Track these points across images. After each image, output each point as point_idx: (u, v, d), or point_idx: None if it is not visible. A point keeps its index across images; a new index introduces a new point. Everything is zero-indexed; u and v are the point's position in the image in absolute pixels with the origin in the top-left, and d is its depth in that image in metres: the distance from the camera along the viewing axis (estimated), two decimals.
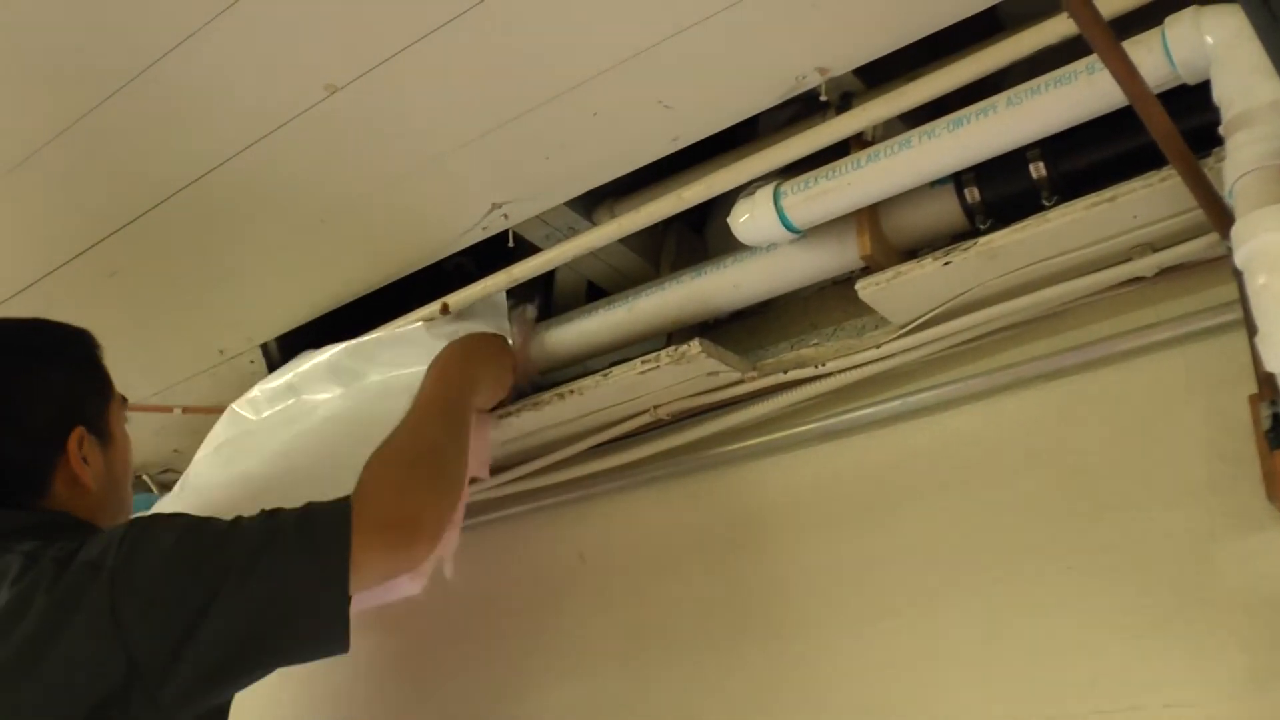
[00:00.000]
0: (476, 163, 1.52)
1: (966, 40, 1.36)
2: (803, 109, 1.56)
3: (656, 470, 1.78)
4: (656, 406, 1.69)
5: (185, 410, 2.03)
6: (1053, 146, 1.35)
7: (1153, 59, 1.16)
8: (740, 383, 1.64)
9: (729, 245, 1.59)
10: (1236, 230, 0.97)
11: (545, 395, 1.68)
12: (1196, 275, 1.36)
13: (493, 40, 1.33)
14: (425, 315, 1.70)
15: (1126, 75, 0.96)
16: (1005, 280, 1.40)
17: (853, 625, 1.53)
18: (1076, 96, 1.23)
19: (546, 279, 1.82)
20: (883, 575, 1.52)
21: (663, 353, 1.56)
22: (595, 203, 1.70)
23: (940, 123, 1.32)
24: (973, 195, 1.41)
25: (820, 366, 1.59)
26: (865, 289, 1.44)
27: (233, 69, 1.41)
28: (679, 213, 1.52)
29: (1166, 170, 1.21)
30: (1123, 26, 1.08)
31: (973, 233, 1.41)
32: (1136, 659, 1.30)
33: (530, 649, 1.84)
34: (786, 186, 1.43)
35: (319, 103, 1.43)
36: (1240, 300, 1.14)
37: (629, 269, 1.80)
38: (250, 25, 1.34)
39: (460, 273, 1.82)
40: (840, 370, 1.57)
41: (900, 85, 1.35)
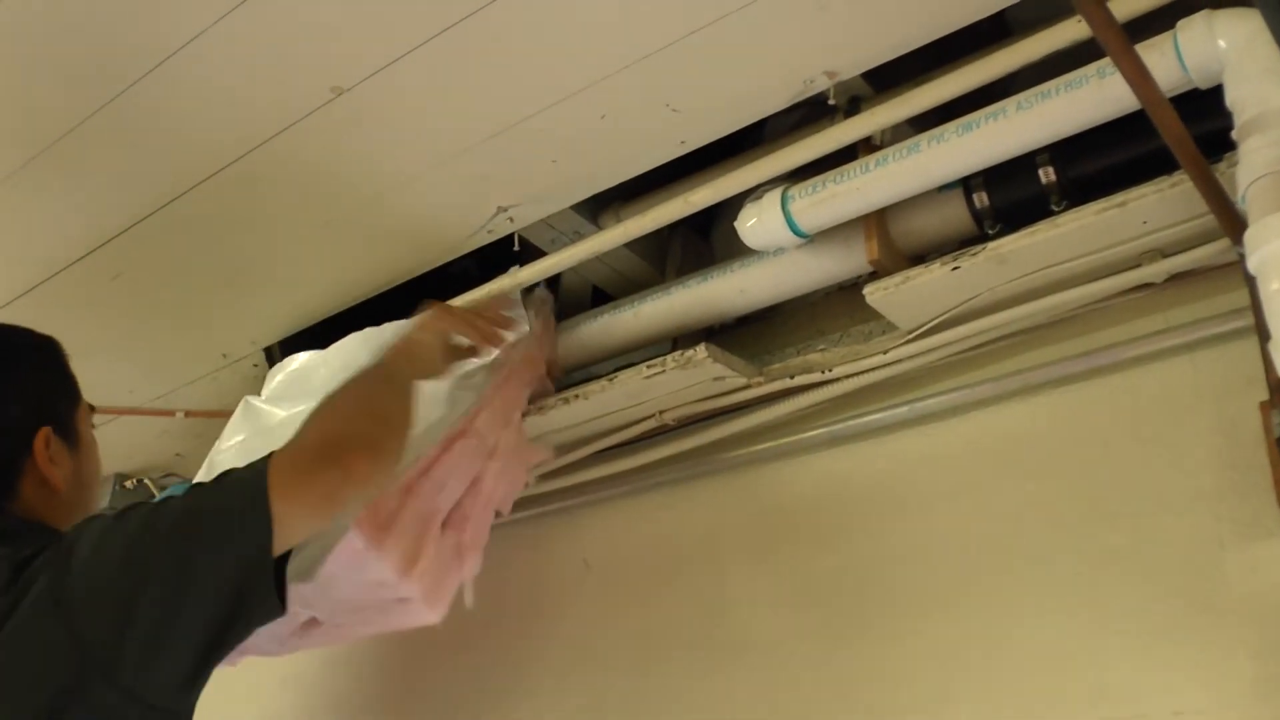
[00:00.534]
0: (482, 166, 1.51)
1: (975, 45, 1.36)
2: (810, 113, 1.55)
3: (662, 475, 1.77)
4: (662, 411, 1.69)
5: (188, 414, 2.03)
6: (1062, 151, 1.34)
7: (1165, 63, 1.15)
8: (747, 388, 1.63)
9: (735, 250, 1.59)
10: (1250, 235, 0.96)
11: (550, 400, 1.68)
12: (1207, 281, 1.35)
13: (499, 43, 1.33)
14: None
15: (1139, 79, 0.95)
16: (1014, 286, 1.40)
17: (859, 632, 1.52)
18: (1087, 100, 1.22)
19: (552, 283, 1.81)
20: (889, 582, 1.52)
21: (669, 357, 1.56)
22: (601, 207, 1.69)
23: (949, 127, 1.32)
24: (981, 200, 1.40)
25: (827, 372, 1.58)
26: (873, 294, 1.43)
27: (237, 71, 1.40)
28: (685, 217, 1.51)
29: (1178, 175, 1.21)
30: (1134, 30, 1.08)
31: (981, 238, 1.40)
32: (1145, 666, 1.30)
33: (535, 654, 1.84)
34: (794, 191, 1.43)
35: (324, 105, 1.43)
36: (1252, 306, 1.14)
37: (635, 273, 1.80)
38: (255, 27, 1.33)
39: (465, 277, 1.82)
40: (847, 375, 1.57)
41: (909, 89, 1.35)
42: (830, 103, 1.39)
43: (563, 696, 1.78)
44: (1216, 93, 1.14)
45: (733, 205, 1.50)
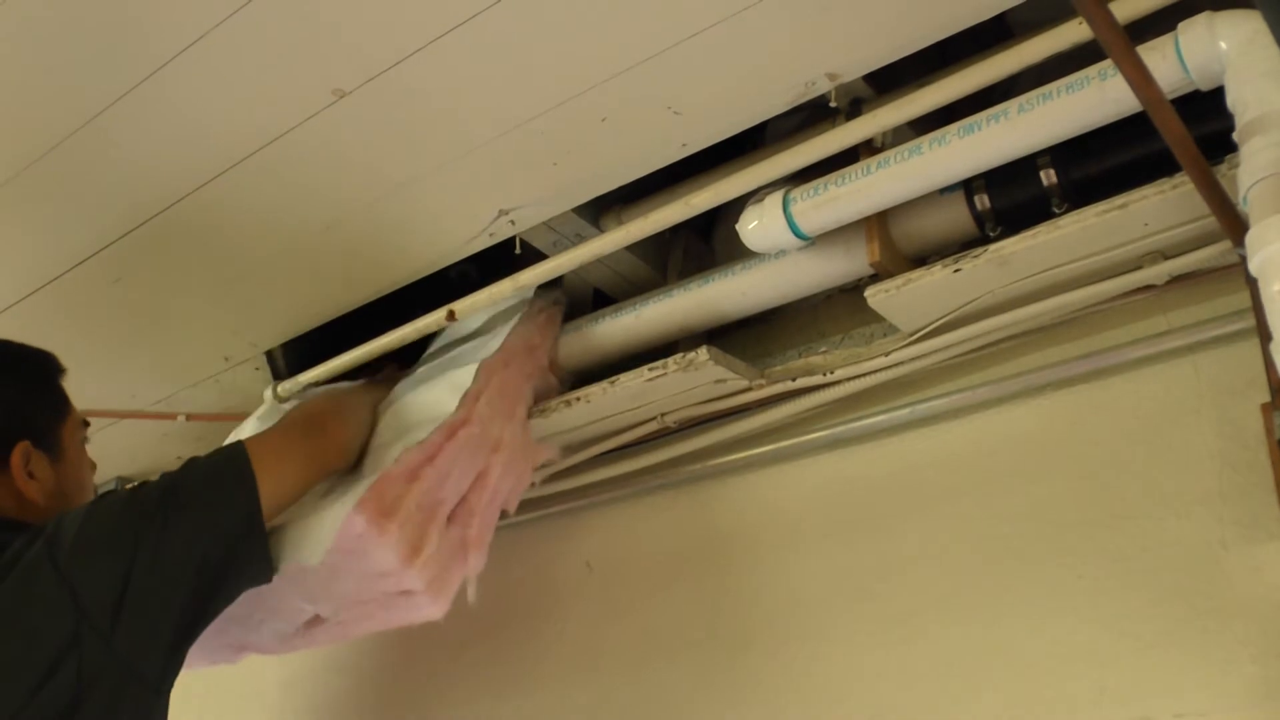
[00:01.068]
0: (484, 168, 1.51)
1: (976, 47, 1.36)
2: (810, 116, 1.55)
3: (664, 478, 1.77)
4: (664, 414, 1.69)
5: (190, 417, 2.03)
6: (1063, 153, 1.34)
7: (1166, 64, 1.15)
8: (748, 390, 1.63)
9: (736, 252, 1.59)
10: (1251, 237, 0.96)
11: (552, 403, 1.68)
12: (1208, 283, 1.36)
13: (501, 45, 1.33)
14: (430, 322, 1.69)
15: (1141, 80, 0.95)
16: (1015, 288, 1.39)
17: (862, 633, 1.52)
18: (1089, 102, 1.22)
19: (553, 286, 1.81)
20: (892, 584, 1.52)
21: (671, 360, 1.56)
22: (603, 209, 1.69)
23: (951, 129, 1.31)
24: (983, 202, 1.40)
25: (828, 374, 1.58)
26: (874, 296, 1.43)
27: (238, 75, 1.40)
28: (686, 220, 1.51)
29: (1179, 177, 1.21)
30: (1135, 32, 1.08)
31: (983, 240, 1.40)
32: (1147, 668, 1.30)
33: (537, 656, 1.84)
34: (796, 193, 1.43)
35: (326, 108, 1.43)
36: (1253, 308, 1.14)
37: (636, 276, 1.79)
38: (255, 31, 1.33)
39: (465, 280, 1.82)
40: (849, 378, 1.57)
41: (910, 92, 1.35)
42: (832, 105, 1.38)
43: (565, 698, 1.78)
44: (1217, 94, 1.14)
45: (734, 208, 1.50)
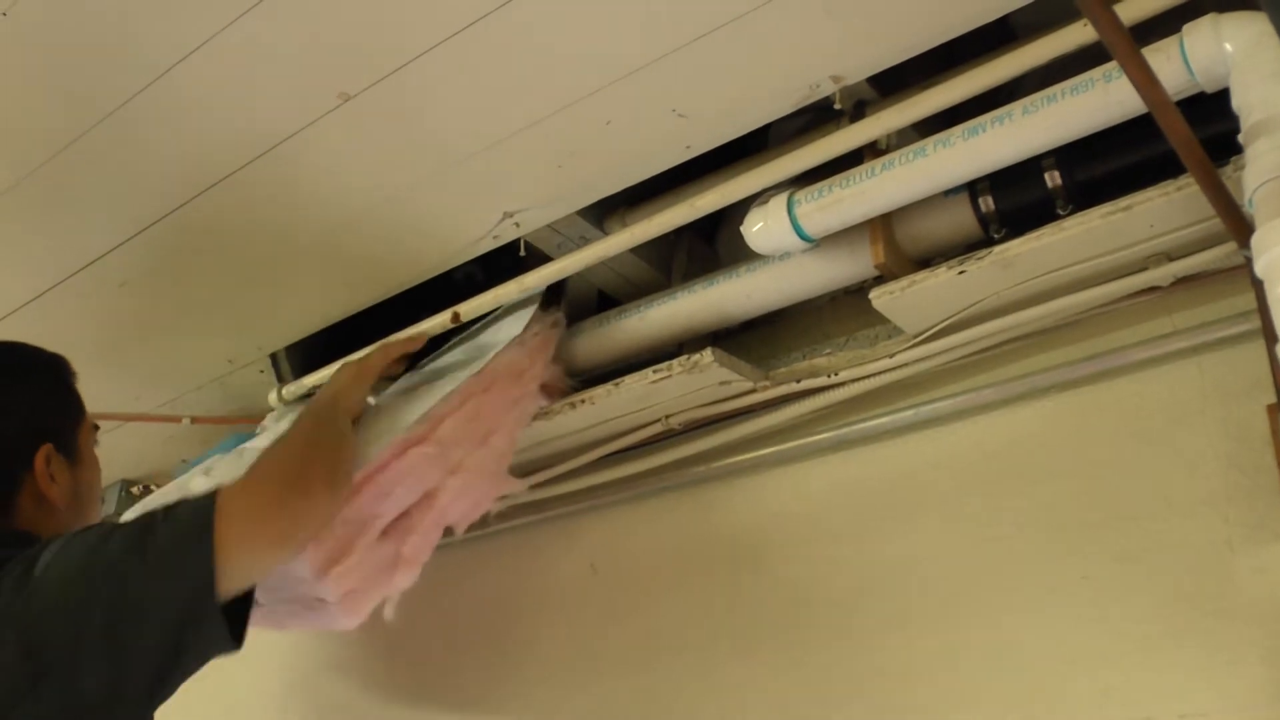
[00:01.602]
0: (489, 171, 1.51)
1: (980, 50, 1.36)
2: (815, 118, 1.55)
3: (668, 480, 1.77)
4: (668, 416, 1.69)
5: (194, 420, 2.03)
6: (1067, 155, 1.34)
7: (1171, 66, 1.15)
8: (753, 392, 1.63)
9: (740, 254, 1.59)
10: (1257, 239, 0.96)
11: (556, 405, 1.68)
12: (1213, 285, 1.35)
13: (506, 48, 1.33)
14: (435, 325, 1.69)
15: (1146, 82, 0.95)
16: (1020, 289, 1.40)
17: (867, 635, 1.52)
18: (1093, 104, 1.22)
19: (557, 288, 1.81)
20: (896, 585, 1.52)
21: (675, 362, 1.56)
22: (607, 212, 1.69)
23: (955, 131, 1.32)
24: (987, 204, 1.40)
25: (833, 376, 1.58)
26: (879, 298, 1.43)
27: (244, 79, 1.40)
28: (690, 222, 1.51)
29: (1184, 179, 1.21)
30: (1140, 34, 1.08)
31: (987, 242, 1.40)
32: (1152, 669, 1.30)
33: (542, 658, 1.84)
34: (800, 195, 1.43)
35: (331, 111, 1.43)
36: (1259, 309, 1.14)
37: (640, 278, 1.80)
38: (261, 35, 1.33)
39: (470, 283, 1.82)
40: (853, 380, 1.57)
41: (914, 94, 1.35)
42: (836, 107, 1.38)
43: (569, 700, 1.78)
44: (1223, 96, 1.14)
45: (738, 210, 1.50)
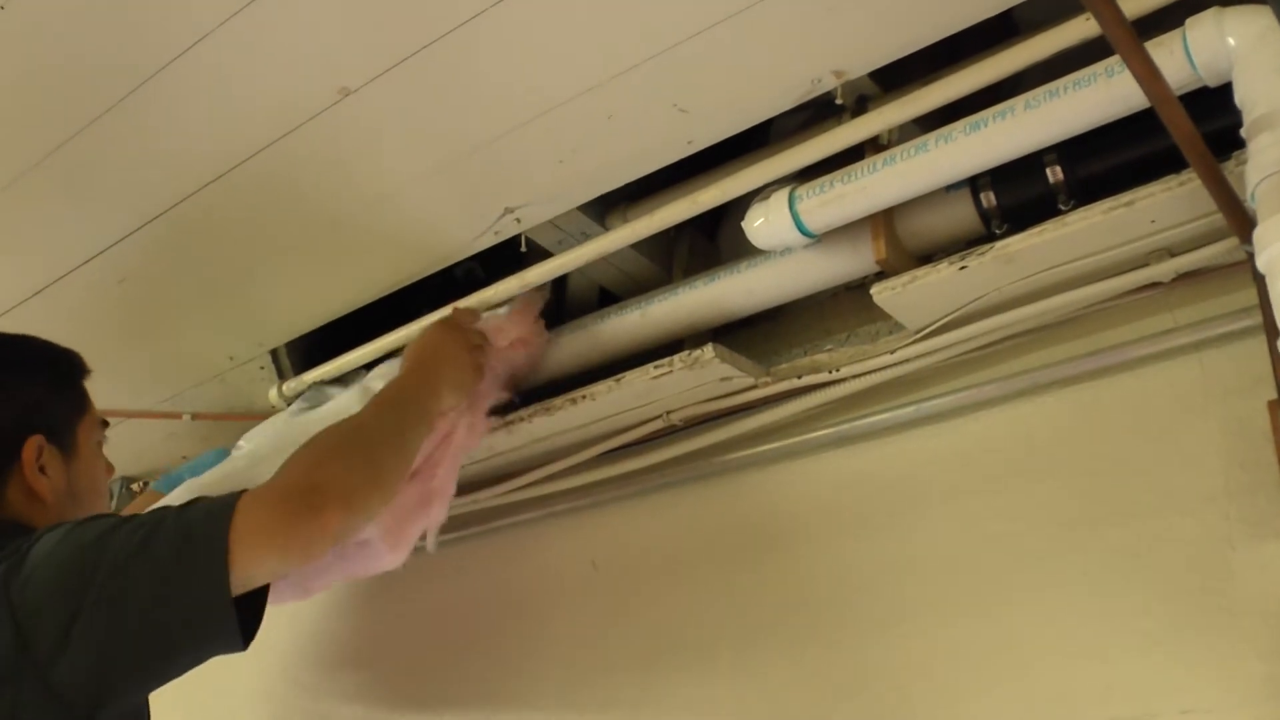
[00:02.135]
0: (489, 166, 1.51)
1: (982, 45, 1.36)
2: (816, 113, 1.55)
3: (669, 476, 1.77)
4: (669, 412, 1.69)
5: (195, 417, 2.03)
6: (1069, 150, 1.34)
7: (1173, 61, 1.15)
8: (754, 388, 1.63)
9: (741, 250, 1.58)
10: (1259, 234, 0.96)
11: (557, 400, 1.67)
12: (1214, 280, 1.35)
13: (507, 43, 1.33)
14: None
15: (1149, 77, 0.95)
16: (1021, 285, 1.39)
17: (868, 633, 1.52)
18: (1095, 99, 1.21)
19: (558, 284, 1.81)
20: (897, 582, 1.52)
21: (676, 358, 1.55)
22: (608, 207, 1.69)
23: (957, 126, 1.31)
24: (989, 200, 1.40)
25: (834, 372, 1.58)
26: (880, 293, 1.43)
27: (243, 74, 1.40)
28: (691, 218, 1.51)
29: (1186, 174, 1.21)
30: (1142, 29, 1.07)
31: (988, 237, 1.40)
32: (1153, 665, 1.30)
33: (543, 655, 1.84)
34: (801, 190, 1.42)
35: (332, 106, 1.43)
36: (1260, 305, 1.14)
37: (641, 274, 1.79)
38: (260, 29, 1.33)
39: (470, 279, 1.82)
40: (854, 376, 1.56)
41: (916, 89, 1.34)
42: (838, 102, 1.38)
43: (571, 697, 1.78)
44: (1225, 90, 1.14)
45: (739, 205, 1.50)
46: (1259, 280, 0.99)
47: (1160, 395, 1.39)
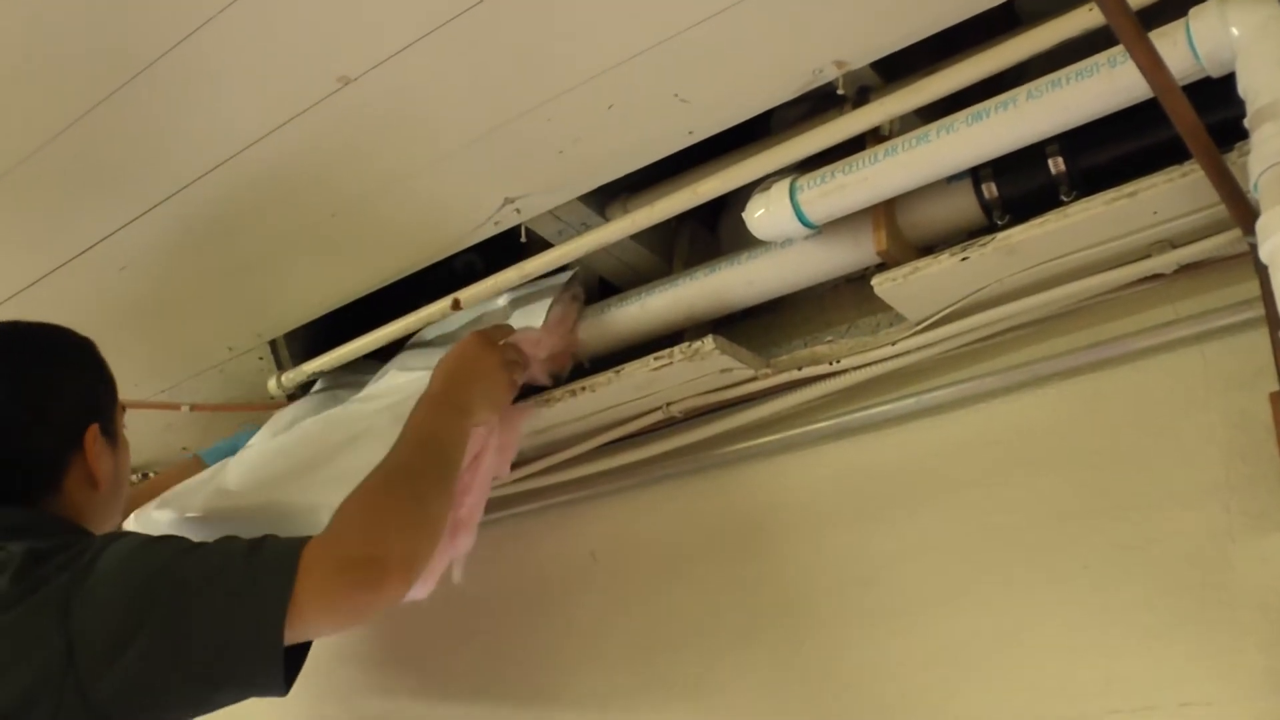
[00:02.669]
0: (489, 156, 1.51)
1: (984, 35, 1.35)
2: (817, 104, 1.54)
3: (669, 468, 1.77)
4: (669, 403, 1.69)
5: (194, 408, 2.02)
6: (1071, 141, 1.33)
7: (1177, 51, 1.14)
8: (754, 380, 1.63)
9: (742, 241, 1.58)
10: (1262, 224, 0.95)
11: (557, 392, 1.67)
12: (1216, 272, 1.35)
13: (507, 32, 1.33)
14: (435, 312, 1.69)
15: (1152, 67, 0.95)
16: (1023, 276, 1.39)
17: (867, 624, 1.52)
18: (1098, 89, 1.21)
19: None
20: (897, 574, 1.52)
21: (676, 349, 1.55)
22: (609, 198, 1.69)
23: (959, 116, 1.31)
24: (990, 191, 1.40)
25: (835, 364, 1.58)
26: (881, 285, 1.43)
27: (243, 61, 1.40)
28: (692, 209, 1.51)
29: (1188, 165, 1.20)
30: (1146, 18, 1.07)
31: (990, 228, 1.40)
32: (1153, 658, 1.30)
33: (542, 647, 1.84)
34: (803, 181, 1.42)
35: (331, 95, 1.42)
36: (1262, 297, 1.14)
37: (642, 265, 1.79)
38: (260, 17, 1.33)
39: (469, 271, 1.81)
40: (855, 367, 1.56)
41: (917, 79, 1.34)
42: (839, 92, 1.38)
43: (569, 688, 1.78)
44: (1228, 81, 1.13)
45: (740, 196, 1.49)
46: (1261, 272, 0.99)
47: (1161, 387, 1.38)
